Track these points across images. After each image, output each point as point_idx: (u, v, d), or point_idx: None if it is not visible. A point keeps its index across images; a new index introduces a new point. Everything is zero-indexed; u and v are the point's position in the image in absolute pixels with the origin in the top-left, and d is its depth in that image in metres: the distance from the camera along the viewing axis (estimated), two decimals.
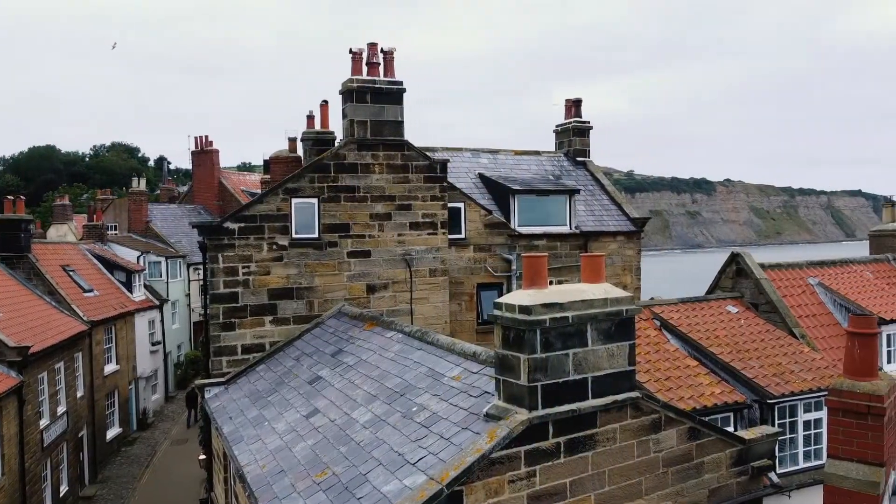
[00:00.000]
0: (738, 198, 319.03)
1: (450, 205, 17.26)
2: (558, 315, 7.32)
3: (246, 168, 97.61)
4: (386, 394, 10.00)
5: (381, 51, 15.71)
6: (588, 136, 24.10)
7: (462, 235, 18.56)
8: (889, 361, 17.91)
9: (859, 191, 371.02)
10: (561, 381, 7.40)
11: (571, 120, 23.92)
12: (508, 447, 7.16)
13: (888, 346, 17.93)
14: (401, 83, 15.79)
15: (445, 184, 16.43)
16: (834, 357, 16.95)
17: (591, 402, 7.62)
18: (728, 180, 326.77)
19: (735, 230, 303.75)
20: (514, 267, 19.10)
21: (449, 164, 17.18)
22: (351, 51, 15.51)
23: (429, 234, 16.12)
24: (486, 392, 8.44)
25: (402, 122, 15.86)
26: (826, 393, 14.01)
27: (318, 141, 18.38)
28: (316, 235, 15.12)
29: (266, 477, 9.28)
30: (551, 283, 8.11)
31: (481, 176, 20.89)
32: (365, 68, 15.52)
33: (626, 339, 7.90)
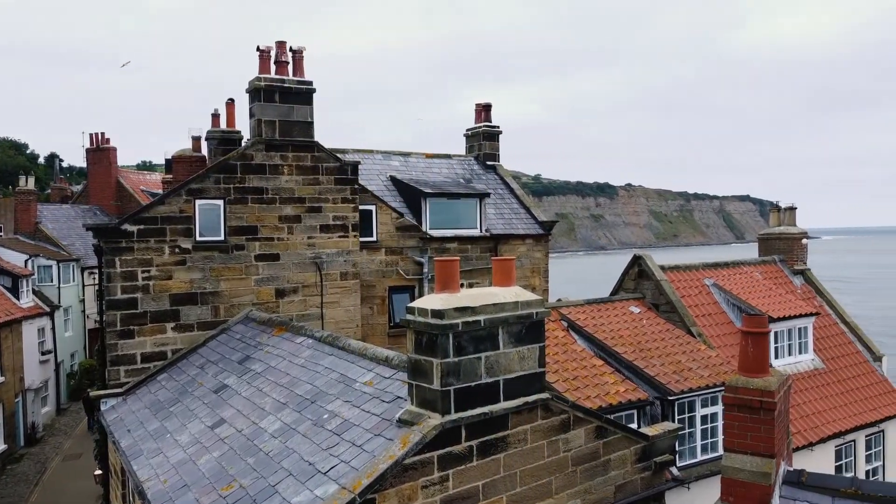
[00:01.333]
0: (638, 202, 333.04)
1: (361, 207, 17.08)
2: (470, 319, 7.37)
3: (146, 167, 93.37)
4: (296, 401, 9.75)
5: (290, 49, 15.37)
6: (498, 141, 24.47)
7: (374, 238, 18.42)
8: (776, 357, 19.11)
9: (748, 196, 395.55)
10: (473, 384, 7.44)
11: (482, 124, 24.22)
12: (422, 452, 7.13)
13: (775, 342, 19.12)
14: (310, 83, 15.50)
15: (357, 186, 16.25)
16: (728, 354, 17.91)
17: (503, 405, 7.70)
18: (629, 185, 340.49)
19: (636, 233, 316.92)
20: (425, 269, 19.12)
21: (360, 167, 17.00)
22: (259, 48, 15.09)
23: (340, 236, 15.89)
24: (398, 397, 8.37)
25: (312, 123, 15.56)
26: (721, 388, 14.79)
27: (223, 140, 17.79)
28: (222, 238, 14.60)
29: (168, 492, 8.85)
30: (462, 285, 8.15)
31: (393, 178, 20.81)
32: (273, 67, 15.14)
33: (537, 342, 8.05)
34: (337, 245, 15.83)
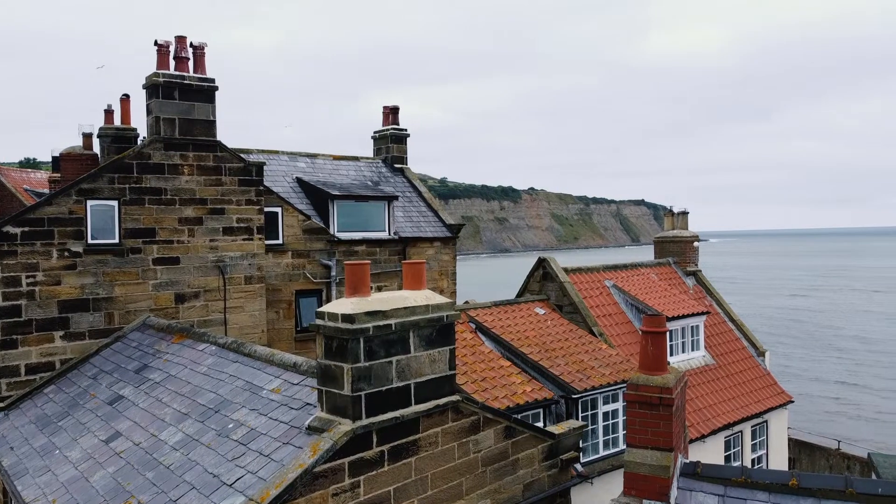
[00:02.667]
0: (540, 205, 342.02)
1: (266, 209, 16.66)
2: (382, 323, 7.33)
3: (30, 164, 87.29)
4: (199, 411, 9.37)
5: (191, 45, 14.79)
6: (405, 144, 24.48)
7: (279, 241, 17.99)
8: (671, 354, 20.09)
9: (642, 200, 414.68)
10: (385, 389, 7.41)
11: (389, 127, 24.17)
12: (332, 460, 7.02)
13: (671, 340, 20.09)
14: (213, 80, 14.97)
15: (262, 187, 15.82)
16: (627, 352, 18.66)
17: (415, 408, 7.71)
18: (532, 189, 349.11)
19: (539, 235, 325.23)
20: (333, 273, 18.86)
21: (265, 168, 16.58)
22: (157, 43, 14.42)
23: (244, 239, 15.42)
24: (307, 404, 8.21)
25: (214, 122, 15.03)
26: (621, 385, 15.39)
27: (118, 138, 16.88)
28: (116, 241, 13.84)
29: None
30: (371, 289, 8.10)
31: (299, 180, 20.41)
32: (172, 63, 14.52)
33: (447, 344, 8.10)
34: (241, 248, 15.36)
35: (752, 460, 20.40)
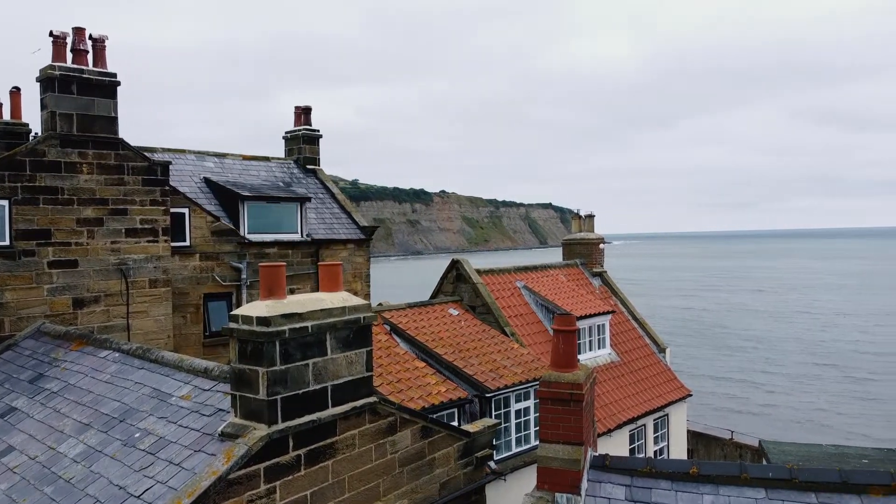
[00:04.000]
0: (452, 208, 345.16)
1: (173, 210, 16.04)
2: (298, 325, 7.25)
3: None
4: (102, 421, 8.94)
5: (90, 37, 14.07)
6: (318, 144, 24.18)
7: (187, 243, 17.38)
8: (579, 352, 20.79)
9: (550, 204, 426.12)
10: (301, 392, 7.33)
11: (301, 127, 23.81)
12: (247, 466, 6.88)
13: (579, 338, 20.80)
14: (114, 75, 14.30)
15: (167, 187, 15.23)
16: (538, 351, 19.17)
17: (332, 411, 7.66)
18: (444, 192, 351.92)
19: (450, 238, 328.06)
20: (244, 276, 18.39)
21: (171, 167, 15.98)
22: (52, 34, 13.64)
23: (148, 241, 14.80)
24: (220, 410, 8.00)
25: (116, 119, 14.35)
26: (533, 384, 15.80)
27: (7, 133, 15.87)
28: (7, 243, 12.98)
29: None
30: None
31: (207, 180, 19.79)
32: (70, 55, 13.76)
33: (364, 346, 8.10)
34: (145, 250, 14.74)
35: (655, 452, 21.39)
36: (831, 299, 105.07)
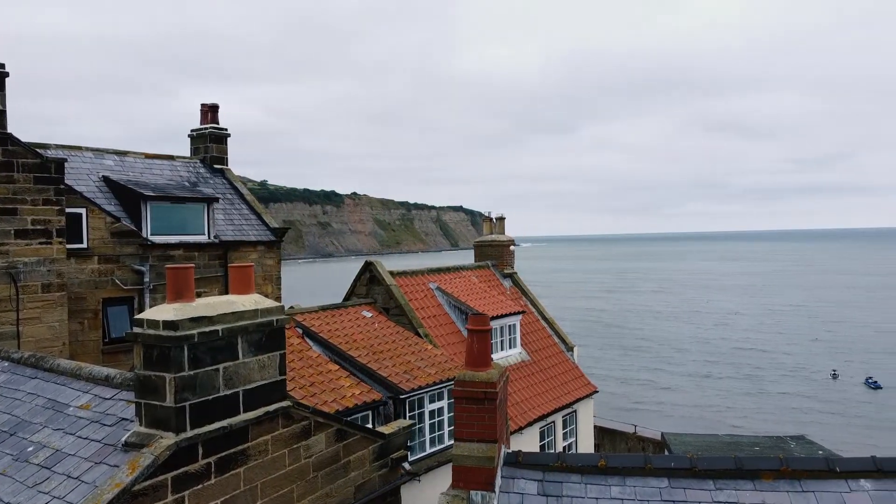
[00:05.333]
0: (364, 210, 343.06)
1: (68, 210, 15.19)
2: (208, 329, 7.03)
3: None
4: None
5: None
6: (226, 144, 23.48)
7: (84, 245, 16.47)
8: (493, 352, 21.10)
9: (461, 206, 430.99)
10: (211, 397, 7.11)
11: (208, 126, 23.04)
12: (154, 476, 6.61)
13: (491, 338, 21.11)
14: (2, 66, 13.41)
15: (62, 186, 14.40)
16: (451, 352, 19.34)
17: (244, 416, 7.47)
18: (355, 194, 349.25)
19: (362, 240, 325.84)
20: (146, 279, 17.61)
21: (67, 165, 15.12)
22: None
23: (41, 243, 13.94)
24: (123, 419, 7.64)
25: (3, 112, 13.46)
26: (446, 384, 15.92)
27: None
28: None
29: None
30: None
31: (107, 179, 18.82)
32: None
33: (277, 349, 7.94)
34: (37, 253, 13.87)
35: (564, 447, 22.01)
36: (723, 299, 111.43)
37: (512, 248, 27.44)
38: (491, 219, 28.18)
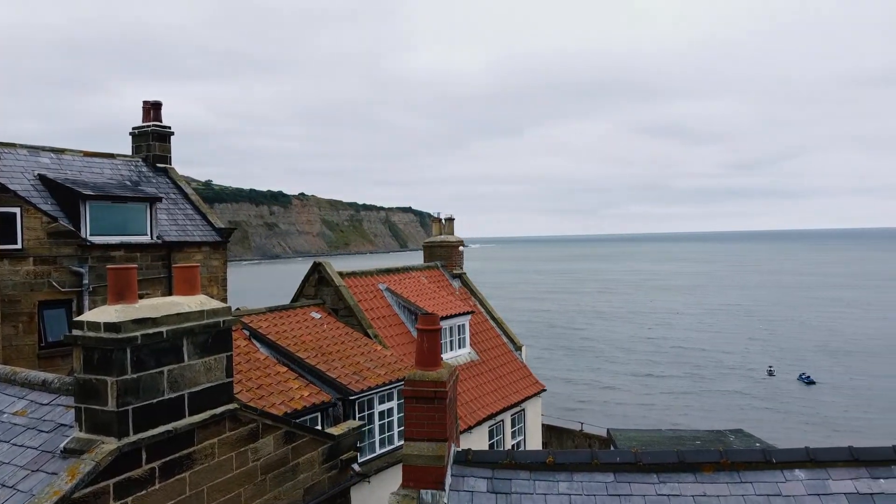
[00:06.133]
0: (311, 211, 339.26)
1: (1, 210, 14.60)
2: (152, 331, 6.88)
3: None
4: None
5: None
6: (169, 142, 22.91)
7: (18, 246, 15.83)
8: (442, 352, 21.18)
9: (409, 207, 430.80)
10: (155, 401, 6.95)
11: (150, 123, 22.43)
12: (95, 482, 6.43)
13: (441, 338, 21.18)
14: None
15: None
16: (400, 352, 19.32)
17: (189, 420, 7.32)
18: (303, 194, 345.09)
19: (310, 241, 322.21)
20: (86, 281, 17.05)
21: None
22: None
23: None
24: (62, 425, 7.40)
25: None
26: (396, 384, 15.91)
27: None
28: None
29: None
30: None
31: (43, 178, 18.13)
32: None
33: (224, 351, 7.81)
34: None
35: (513, 445, 22.24)
36: (665, 299, 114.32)
37: (461, 248, 27.59)
38: (440, 220, 28.27)
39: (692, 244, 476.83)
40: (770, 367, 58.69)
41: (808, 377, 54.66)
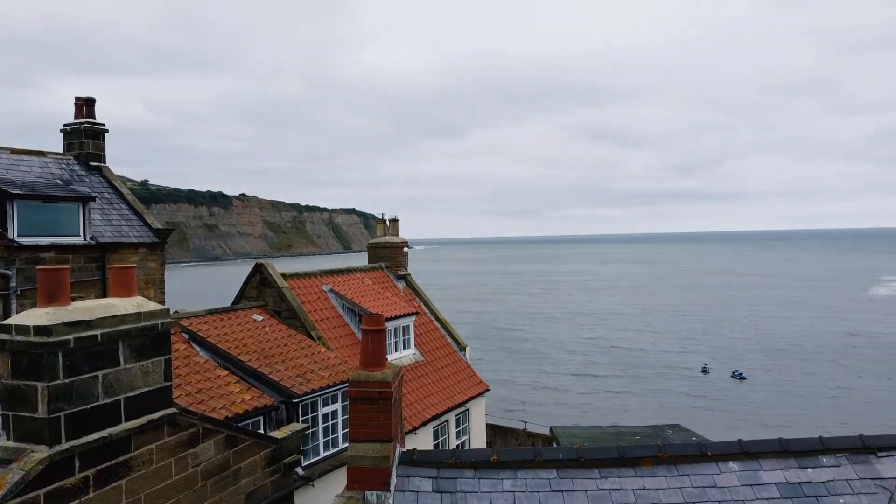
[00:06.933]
0: (253, 212, 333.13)
1: None
2: (85, 334, 6.64)
3: None
4: None
5: None
6: (103, 140, 22.14)
7: None
8: (387, 352, 21.10)
9: (353, 209, 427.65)
10: (90, 407, 6.71)
11: (83, 120, 21.63)
12: (24, 493, 6.16)
13: (385, 339, 21.10)
14: None
15: None
16: (345, 354, 19.17)
17: (125, 426, 7.09)
18: (244, 195, 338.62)
19: (251, 243, 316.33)
20: (13, 283, 16.31)
21: None
22: None
23: None
24: None
25: None
26: (340, 386, 15.78)
27: None
28: None
29: None
30: None
31: None
32: None
33: (162, 354, 7.60)
34: None
35: (457, 445, 22.33)
36: (605, 300, 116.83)
37: (405, 249, 27.56)
38: (384, 221, 28.17)
39: (631, 245, 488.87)
40: (705, 364, 60.67)
41: (741, 374, 56.72)
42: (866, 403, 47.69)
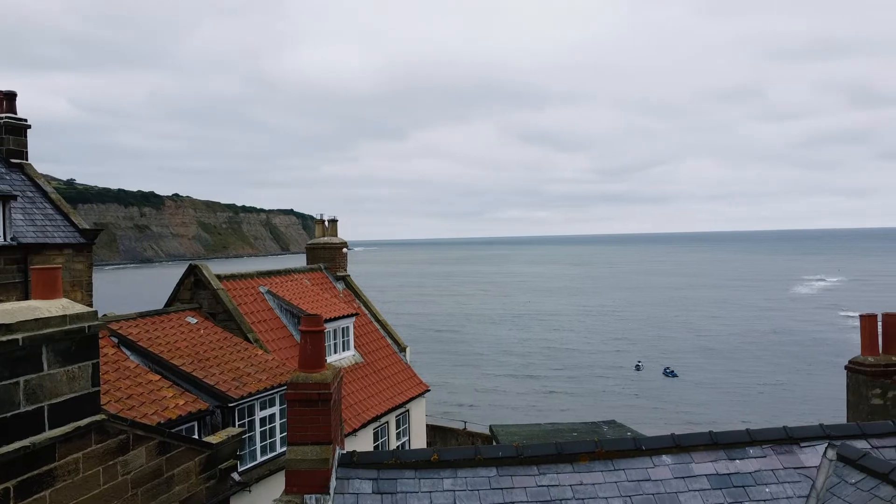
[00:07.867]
0: (186, 213, 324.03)
1: None
2: (5, 338, 6.33)
3: None
4: None
5: None
6: (25, 136, 21.15)
7: None
8: (327, 354, 20.85)
9: (291, 210, 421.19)
10: (10, 415, 6.40)
11: (4, 115, 20.60)
12: None
13: (325, 340, 20.84)
14: None
15: None
16: (283, 356, 18.83)
17: (49, 434, 6.80)
18: (177, 195, 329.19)
19: (185, 244, 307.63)
20: None
21: None
22: None
23: None
24: None
25: None
26: (278, 389, 15.49)
27: None
28: None
29: None
30: None
31: None
32: None
33: (89, 358, 7.32)
34: None
35: (398, 446, 22.25)
36: (542, 301, 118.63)
37: (345, 251, 27.30)
38: (323, 221, 27.84)
39: (566, 247, 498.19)
40: (638, 362, 62.34)
41: (672, 371, 58.53)
42: (790, 397, 49.94)
